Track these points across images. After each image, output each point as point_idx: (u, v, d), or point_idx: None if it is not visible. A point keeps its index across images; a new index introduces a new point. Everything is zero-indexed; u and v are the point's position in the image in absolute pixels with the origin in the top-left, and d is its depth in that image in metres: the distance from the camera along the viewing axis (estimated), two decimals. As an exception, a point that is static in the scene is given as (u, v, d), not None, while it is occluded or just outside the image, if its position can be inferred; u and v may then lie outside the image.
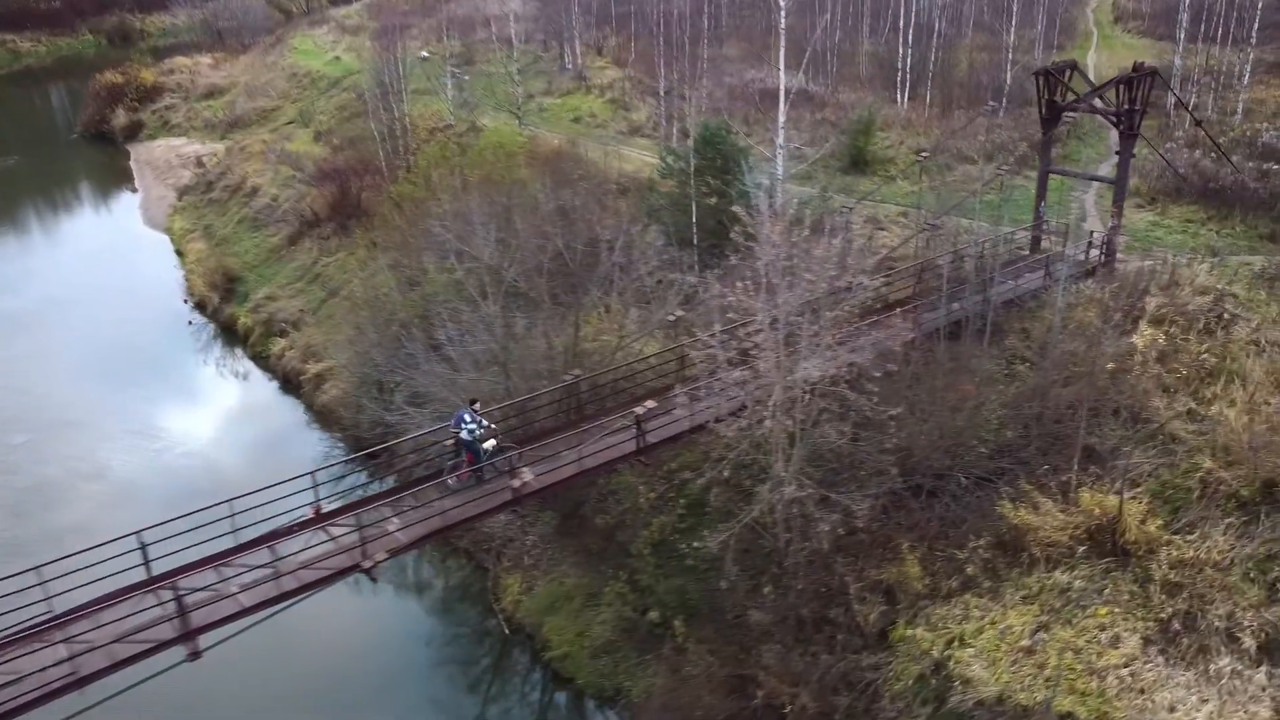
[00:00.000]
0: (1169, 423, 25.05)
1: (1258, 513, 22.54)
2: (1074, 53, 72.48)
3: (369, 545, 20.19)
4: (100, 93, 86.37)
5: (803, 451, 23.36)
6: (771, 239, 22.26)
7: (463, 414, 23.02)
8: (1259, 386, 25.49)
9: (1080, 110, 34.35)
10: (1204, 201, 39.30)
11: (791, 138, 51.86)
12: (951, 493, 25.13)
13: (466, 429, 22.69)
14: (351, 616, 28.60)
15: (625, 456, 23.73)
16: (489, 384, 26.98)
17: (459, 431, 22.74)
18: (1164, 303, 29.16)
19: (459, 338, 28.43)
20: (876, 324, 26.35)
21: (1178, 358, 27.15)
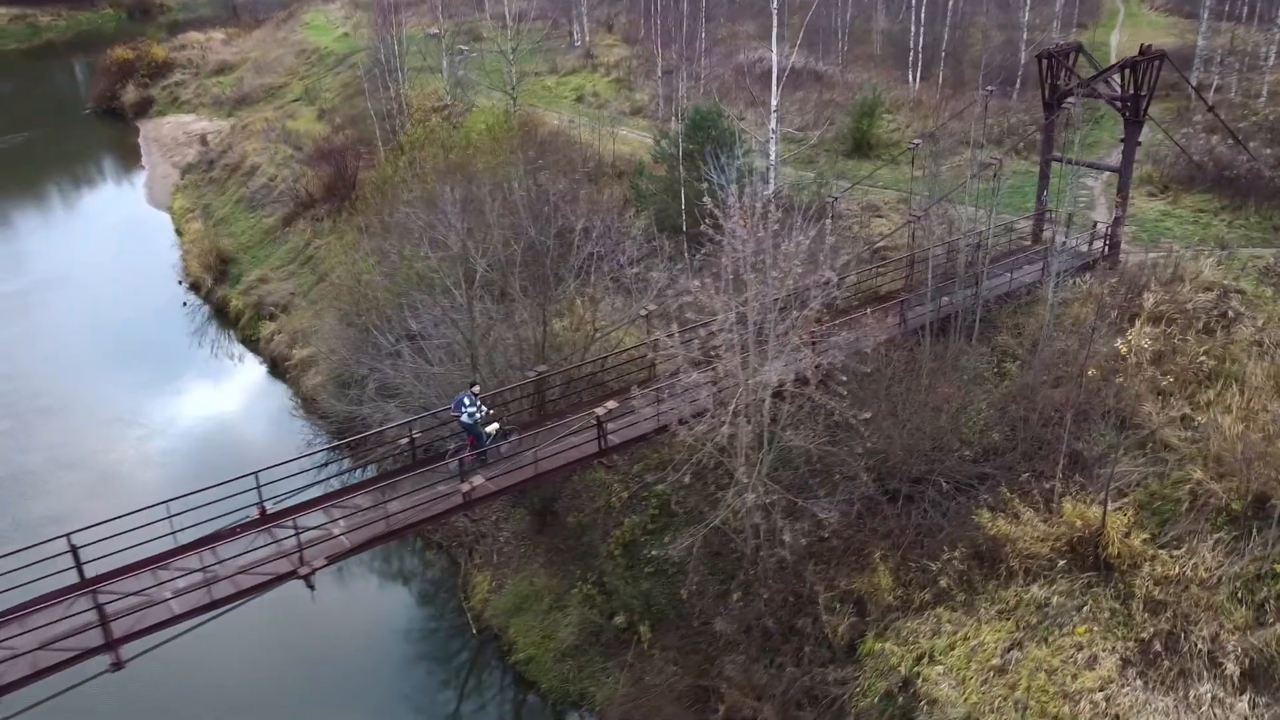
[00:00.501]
0: (1160, 429, 23.81)
1: (1249, 528, 21.32)
2: (1097, 32, 70.47)
3: (307, 550, 19.46)
4: (111, 68, 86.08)
5: (770, 456, 22.41)
6: (738, 233, 21.22)
7: (463, 397, 22.60)
8: (1258, 391, 24.16)
9: (1084, 95, 32.81)
10: (1218, 190, 37.68)
11: (794, 120, 50.67)
12: (931, 499, 24.06)
13: (467, 412, 22.32)
14: (320, 609, 27.81)
15: (586, 459, 22.82)
16: (459, 377, 26.12)
17: (460, 415, 22.39)
18: (1163, 299, 27.80)
19: (431, 329, 27.59)
20: (856, 320, 25.25)
21: (1174, 359, 25.84)
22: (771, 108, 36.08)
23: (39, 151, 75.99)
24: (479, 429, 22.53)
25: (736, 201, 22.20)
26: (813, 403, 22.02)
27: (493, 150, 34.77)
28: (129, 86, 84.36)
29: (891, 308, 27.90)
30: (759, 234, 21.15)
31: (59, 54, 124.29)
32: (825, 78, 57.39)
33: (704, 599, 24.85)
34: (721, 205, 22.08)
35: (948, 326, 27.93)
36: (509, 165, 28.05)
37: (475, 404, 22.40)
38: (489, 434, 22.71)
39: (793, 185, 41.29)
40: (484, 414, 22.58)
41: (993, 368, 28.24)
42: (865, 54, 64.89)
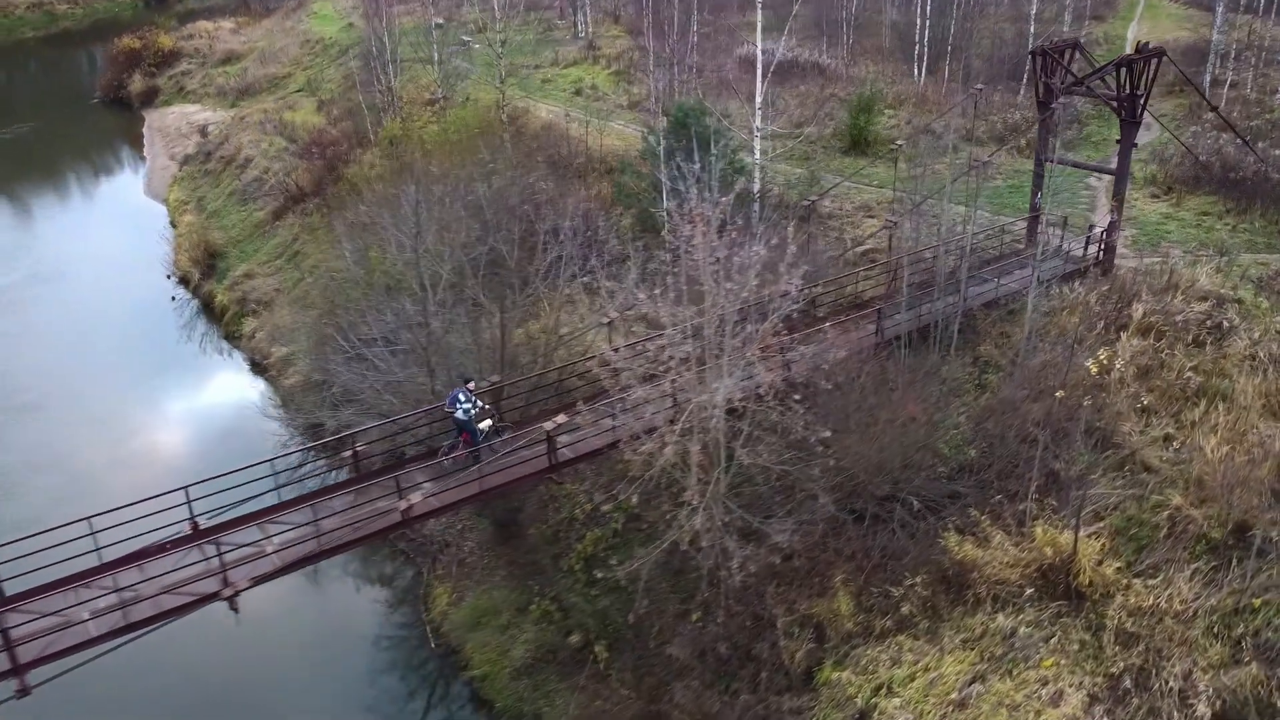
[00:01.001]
0: (1141, 449, 22.65)
1: (1229, 558, 20.17)
2: (1115, 24, 68.74)
3: (233, 571, 18.72)
4: (118, 57, 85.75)
5: (728, 475, 21.45)
6: (692, 241, 20.24)
7: (458, 393, 22.20)
8: (1245, 410, 22.96)
9: (1079, 94, 31.53)
10: (1224, 193, 36.27)
11: (795, 115, 49.46)
12: (900, 519, 23.03)
13: (461, 408, 21.96)
14: (281, 614, 27.28)
15: (534, 475, 21.98)
16: (417, 385, 25.35)
17: (454, 411, 22.04)
18: (1152, 310, 26.57)
19: (391, 334, 26.81)
20: (828, 331, 24.19)
21: (1160, 374, 24.66)
22: (756, 104, 34.96)
23: (43, 142, 75.73)
24: (473, 425, 22.20)
25: (695, 206, 21.25)
26: (771, 420, 21.04)
27: (470, 147, 33.87)
28: (135, 76, 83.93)
29: (867, 316, 26.87)
30: (713, 243, 20.17)
31: (75, 42, 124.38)
32: (829, 71, 56.12)
33: (664, 618, 23.96)
34: (680, 210, 21.13)
35: (928, 336, 26.91)
36: (475, 164, 27.01)
37: (470, 399, 22.09)
38: (483, 430, 22.35)
39: (784, 184, 40.21)
40: (478, 410, 22.26)
41: (974, 379, 27.15)
42: (874, 47, 63.50)
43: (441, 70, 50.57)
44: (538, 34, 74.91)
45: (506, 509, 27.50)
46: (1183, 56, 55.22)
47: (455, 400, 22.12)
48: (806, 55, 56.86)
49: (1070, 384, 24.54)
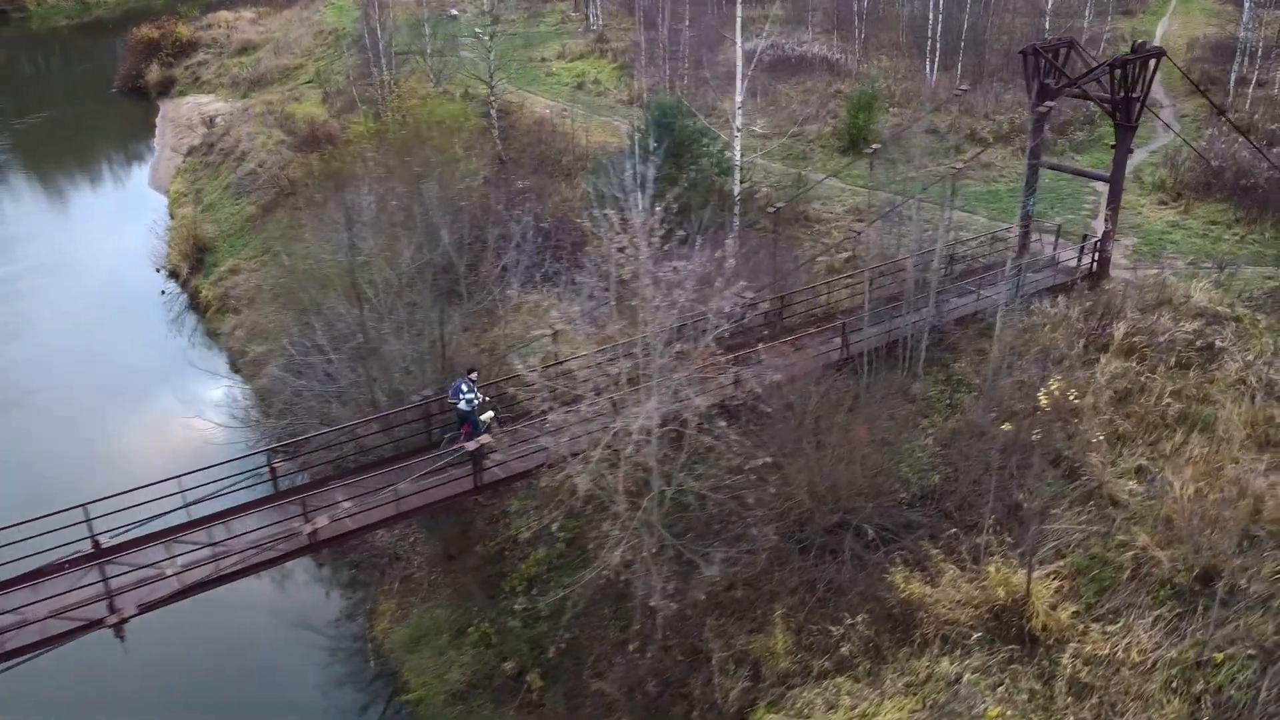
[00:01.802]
0: (1108, 482, 21.07)
1: (1195, 605, 18.62)
2: (1145, 19, 66.28)
3: (122, 596, 17.81)
4: (136, 47, 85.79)
5: (658, 502, 20.22)
6: (617, 251, 19.02)
7: (460, 384, 21.64)
8: (1224, 442, 21.31)
9: (1072, 96, 29.80)
10: (1235, 201, 34.32)
11: (795, 112, 47.88)
12: (851, 550, 21.65)
13: (465, 399, 21.40)
14: (221, 623, 26.32)
15: (458, 496, 20.89)
16: (357, 395, 24.38)
17: (456, 402, 21.53)
18: (1136, 328, 24.92)
19: (336, 339, 25.85)
20: (775, 349, 22.86)
21: (1139, 398, 23.05)
22: (737, 103, 33.55)
23: (57, 131, 75.92)
24: (474, 417, 21.64)
25: (617, 217, 20.01)
26: (706, 444, 19.76)
27: (441, 145, 32.77)
28: (153, 66, 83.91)
29: (832, 331, 25.48)
30: (639, 255, 18.92)
31: (108, 31, 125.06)
32: (838, 66, 54.38)
33: (603, 645, 22.80)
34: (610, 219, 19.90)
35: (898, 352, 25.49)
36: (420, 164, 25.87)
37: (473, 390, 21.50)
38: (484, 422, 21.75)
39: (772, 185, 38.76)
40: (480, 401, 21.70)
41: (944, 399, 25.66)
42: (890, 41, 61.58)
43: (435, 63, 49.43)
44: (550, 26, 73.91)
45: (453, 525, 26.46)
46: (1212, 54, 52.99)
47: (458, 391, 21.58)
48: (816, 50, 55.10)
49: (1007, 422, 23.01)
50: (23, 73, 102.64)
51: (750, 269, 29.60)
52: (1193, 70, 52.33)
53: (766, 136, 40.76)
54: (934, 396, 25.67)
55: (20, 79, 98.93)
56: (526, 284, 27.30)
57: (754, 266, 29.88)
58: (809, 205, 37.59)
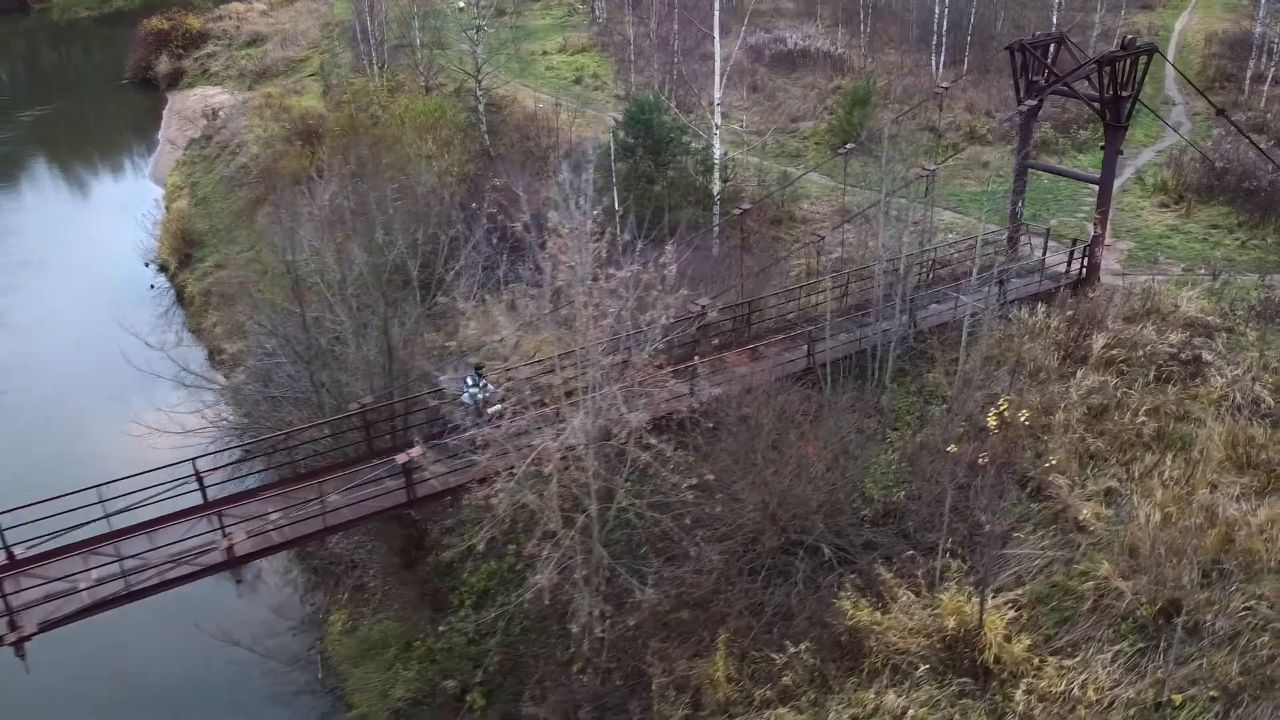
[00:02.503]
0: (1074, 505, 19.92)
1: (1157, 640, 17.47)
2: (1165, 14, 64.39)
3: (24, 613, 17.13)
4: (146, 38, 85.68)
5: (598, 520, 19.32)
6: (547, 259, 18.11)
7: (466, 377, 21.16)
8: (1200, 465, 20.10)
9: (1061, 95, 28.55)
10: (1238, 204, 32.88)
11: (792, 109, 46.73)
12: (803, 572, 20.64)
13: (468, 393, 20.86)
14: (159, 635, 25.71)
15: (390, 510, 20.09)
16: (301, 400, 23.62)
17: (460, 395, 20.99)
18: (1117, 340, 23.70)
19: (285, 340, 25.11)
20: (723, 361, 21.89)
21: (1114, 415, 21.85)
22: (715, 100, 32.49)
23: (63, 122, 76.01)
24: (480, 409, 20.95)
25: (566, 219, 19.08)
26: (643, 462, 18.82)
27: (416, 141, 31.98)
28: (162, 57, 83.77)
29: (797, 340, 24.45)
30: (574, 262, 18.00)
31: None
32: (841, 61, 53.06)
33: (549, 665, 21.93)
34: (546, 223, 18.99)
35: (868, 362, 24.44)
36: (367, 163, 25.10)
37: (479, 384, 20.89)
38: (489, 415, 20.85)
39: (761, 184, 37.65)
40: (487, 395, 20.99)
41: (915, 411, 24.56)
42: (900, 35, 60.13)
43: (425, 56, 48.66)
44: (556, 19, 73.00)
45: (407, 533, 25.64)
46: (1230, 50, 51.27)
47: (463, 384, 21.18)
48: (818, 45, 53.82)
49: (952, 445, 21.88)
50: (37, 64, 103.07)
51: (723, 273, 28.74)
52: (1209, 66, 50.75)
53: (756, 134, 39.60)
54: (903, 409, 24.59)
55: (33, 70, 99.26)
56: (486, 287, 26.38)
57: (726, 270, 28.98)
58: (796, 205, 36.49)
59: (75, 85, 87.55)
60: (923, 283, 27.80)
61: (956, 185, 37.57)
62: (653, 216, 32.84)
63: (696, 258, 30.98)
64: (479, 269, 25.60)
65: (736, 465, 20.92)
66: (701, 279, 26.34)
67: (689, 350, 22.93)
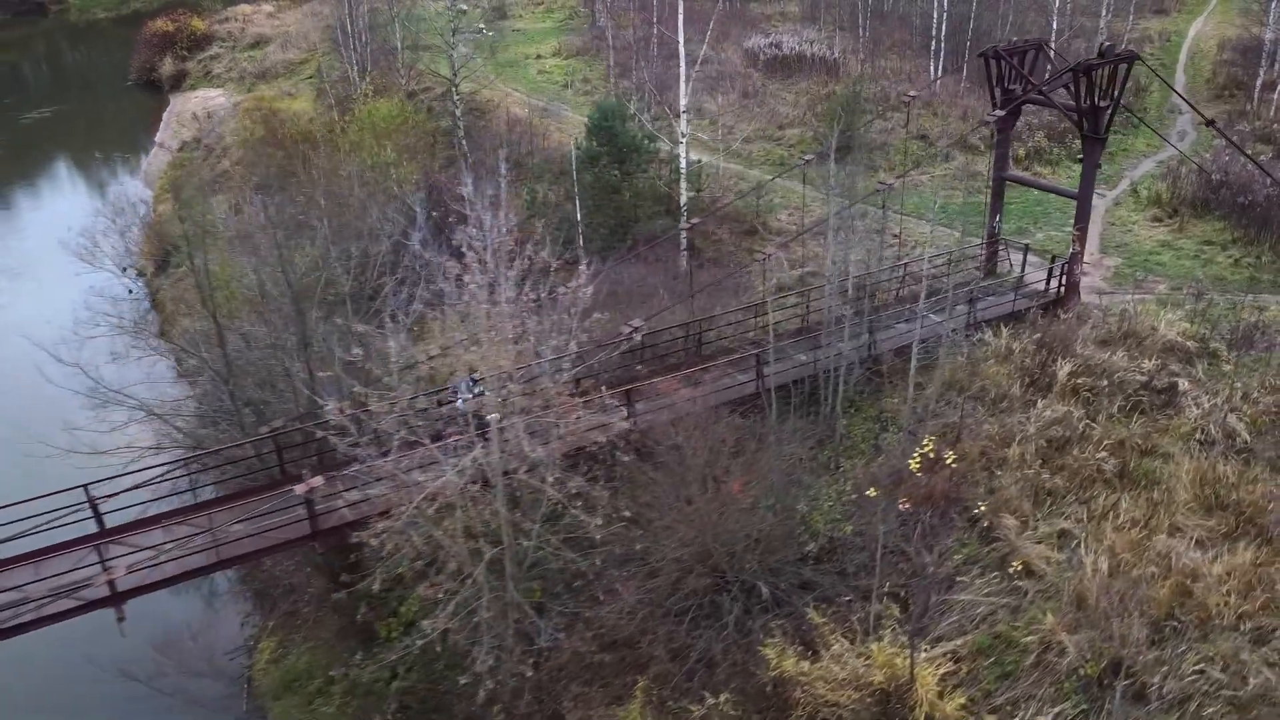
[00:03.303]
0: (1022, 548, 18.46)
1: (1102, 701, 16.01)
2: (1179, 19, 62.44)
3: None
4: (151, 40, 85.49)
5: (509, 559, 18.13)
6: (456, 281, 16.96)
7: (461, 383, 20.88)
8: (1168, 504, 18.57)
9: (1035, 104, 27.06)
10: (1233, 219, 31.19)
11: (781, 115, 45.36)
12: (738, 613, 19.30)
13: (461, 398, 20.34)
14: (80, 660, 24.70)
15: (290, 543, 18.96)
16: (221, 419, 22.60)
17: (454, 401, 20.50)
18: (1084, 366, 22.20)
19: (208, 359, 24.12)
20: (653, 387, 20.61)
21: (1076, 449, 20.35)
22: (681, 107, 31.18)
23: (64, 124, 75.79)
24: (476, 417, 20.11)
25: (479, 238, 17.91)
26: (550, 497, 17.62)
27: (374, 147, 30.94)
28: (166, 59, 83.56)
29: (746, 363, 23.11)
30: (478, 283, 16.84)
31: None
32: (837, 66, 51.50)
33: (472, 704, 20.70)
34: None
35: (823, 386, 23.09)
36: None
37: (474, 390, 20.45)
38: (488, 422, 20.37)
39: (735, 196, 36.26)
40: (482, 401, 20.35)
41: (871, 438, 23.16)
42: (903, 40, 58.53)
43: (407, 59, 47.67)
44: (557, 21, 71.98)
45: (341, 557, 24.50)
46: (1242, 57, 49.34)
47: (458, 390, 20.95)
48: (813, 50, 52.36)
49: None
50: (46, 65, 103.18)
51: (679, 288, 27.43)
52: (1219, 74, 48.91)
53: (745, 141, 38.31)
54: (860, 436, 23.20)
55: (40, 71, 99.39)
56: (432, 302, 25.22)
57: (682, 286, 27.71)
58: (772, 215, 35.15)
59: (81, 87, 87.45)
60: (888, 301, 26.42)
61: (942, 197, 36.05)
62: (618, 227, 31.75)
63: (655, 272, 29.81)
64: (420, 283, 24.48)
65: (667, 499, 19.63)
66: (650, 296, 25.11)
67: (626, 374, 21.73)
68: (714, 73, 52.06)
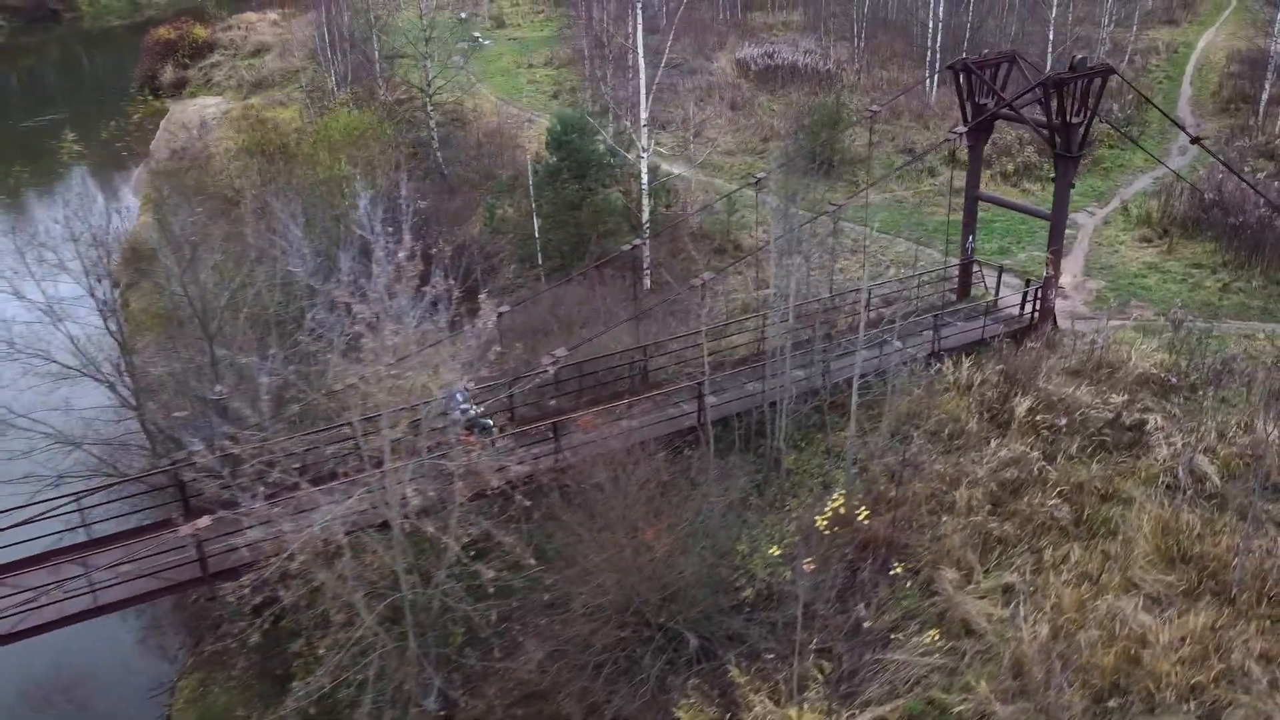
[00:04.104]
0: (961, 604, 17.00)
1: (1036, 785, 14.55)
2: (1189, 30, 60.70)
3: None
4: (154, 48, 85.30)
5: (409, 609, 16.93)
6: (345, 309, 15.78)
7: (455, 393, 19.63)
8: (1125, 557, 17.06)
9: (1005, 119, 25.61)
10: (1224, 241, 29.56)
11: (765, 128, 44.02)
12: (658, 667, 17.95)
13: (459, 408, 19.90)
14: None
15: (183, 585, 17.78)
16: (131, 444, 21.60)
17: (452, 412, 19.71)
18: (1047, 400, 20.71)
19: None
20: (572, 421, 19.34)
21: (1031, 493, 18.87)
22: (642, 121, 29.91)
23: (60, 132, 75.42)
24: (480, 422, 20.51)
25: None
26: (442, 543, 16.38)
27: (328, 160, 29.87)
28: (168, 67, 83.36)
29: (685, 394, 21.78)
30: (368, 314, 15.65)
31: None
32: (831, 77, 50.11)
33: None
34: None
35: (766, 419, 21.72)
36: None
37: (468, 401, 20.19)
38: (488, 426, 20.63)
39: (703, 213, 34.87)
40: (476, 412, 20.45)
41: (820, 474, 21.75)
42: (904, 50, 57.02)
43: (384, 69, 46.69)
44: (555, 30, 71.06)
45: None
46: (1250, 69, 47.62)
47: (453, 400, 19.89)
48: (805, 60, 51.00)
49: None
50: (60, 71, 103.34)
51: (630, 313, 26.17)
52: (1224, 87, 47.22)
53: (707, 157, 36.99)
54: (809, 472, 21.80)
55: (51, 78, 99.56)
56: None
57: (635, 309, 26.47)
58: (746, 232, 33.82)
59: (83, 94, 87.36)
60: (851, 326, 25.02)
61: (924, 214, 34.61)
62: (578, 245, 30.52)
63: (614, 292, 28.57)
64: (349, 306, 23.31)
65: (587, 542, 18.31)
66: (592, 320, 23.86)
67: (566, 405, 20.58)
68: (704, 83, 50.91)
